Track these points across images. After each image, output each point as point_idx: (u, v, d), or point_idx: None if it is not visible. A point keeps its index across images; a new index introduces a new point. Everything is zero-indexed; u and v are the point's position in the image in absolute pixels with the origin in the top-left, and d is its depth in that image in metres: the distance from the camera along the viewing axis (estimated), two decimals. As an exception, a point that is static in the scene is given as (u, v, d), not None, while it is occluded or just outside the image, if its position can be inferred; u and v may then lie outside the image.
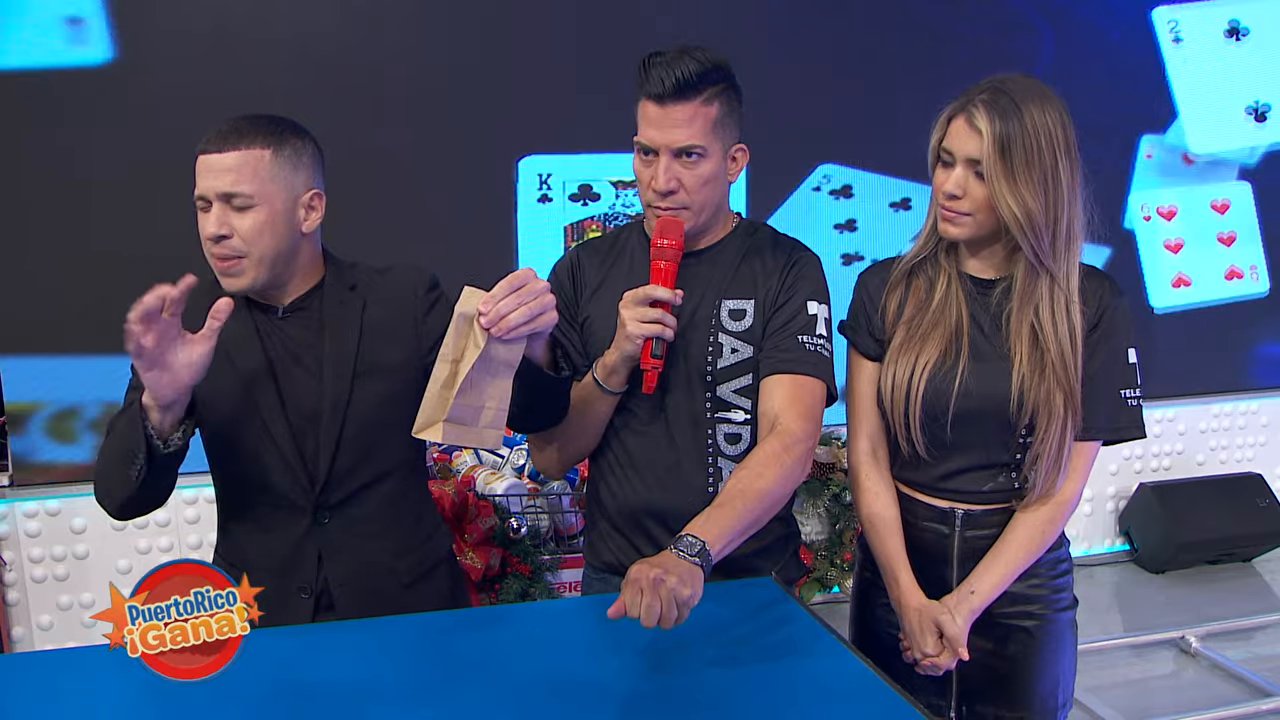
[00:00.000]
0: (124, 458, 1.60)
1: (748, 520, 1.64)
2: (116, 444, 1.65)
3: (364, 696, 1.43)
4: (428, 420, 1.55)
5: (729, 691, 1.46)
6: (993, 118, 1.68)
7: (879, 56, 3.82)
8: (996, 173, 1.69)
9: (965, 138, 1.71)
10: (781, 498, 1.74)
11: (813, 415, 1.79)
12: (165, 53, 3.22)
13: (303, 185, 1.74)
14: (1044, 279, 1.75)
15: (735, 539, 1.62)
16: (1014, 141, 1.68)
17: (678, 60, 1.71)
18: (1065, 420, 1.76)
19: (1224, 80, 4.23)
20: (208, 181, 1.69)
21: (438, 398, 1.54)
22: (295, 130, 1.76)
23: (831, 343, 1.86)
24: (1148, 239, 4.27)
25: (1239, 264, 4.37)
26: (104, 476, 1.69)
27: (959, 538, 1.85)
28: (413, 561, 1.88)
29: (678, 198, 1.77)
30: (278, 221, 1.71)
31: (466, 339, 1.53)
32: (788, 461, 1.72)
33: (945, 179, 1.75)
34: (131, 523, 3.34)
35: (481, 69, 3.49)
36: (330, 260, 1.86)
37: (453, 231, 3.53)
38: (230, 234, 1.69)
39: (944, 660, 1.81)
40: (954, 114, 1.74)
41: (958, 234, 1.77)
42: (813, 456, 1.81)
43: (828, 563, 3.79)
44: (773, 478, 1.70)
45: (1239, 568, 4.30)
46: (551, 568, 3.33)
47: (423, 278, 1.86)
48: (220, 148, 1.69)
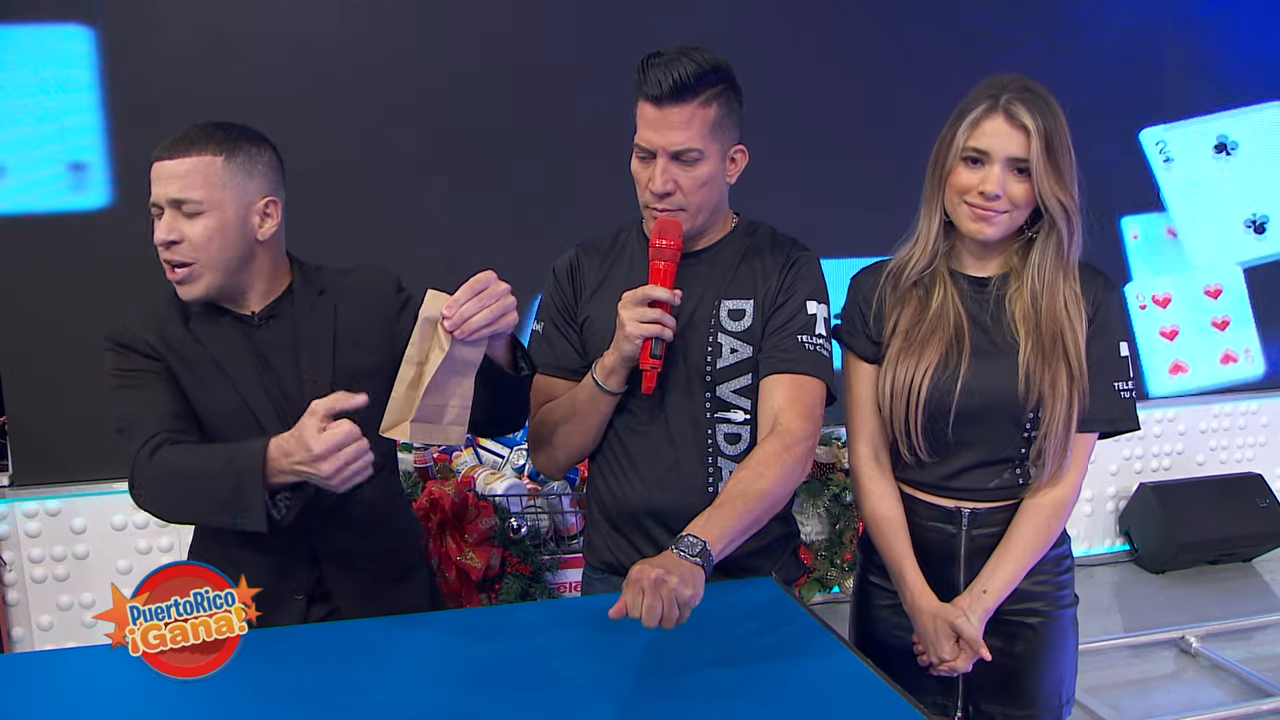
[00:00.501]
0: (219, 505, 1.58)
1: (748, 520, 1.65)
2: (211, 489, 1.60)
3: (362, 696, 1.44)
4: (394, 420, 1.60)
5: (729, 691, 1.46)
6: (1034, 114, 1.70)
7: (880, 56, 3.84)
8: (1044, 168, 1.71)
9: (1006, 137, 1.71)
10: (782, 498, 1.74)
11: (813, 415, 1.80)
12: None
13: (256, 192, 1.74)
14: (1059, 270, 1.77)
15: (736, 539, 1.63)
16: (1054, 135, 1.71)
17: (675, 62, 1.70)
18: (1070, 401, 1.76)
19: (1219, 195, 4.30)
20: (159, 188, 1.71)
21: (404, 398, 1.59)
22: (250, 137, 1.76)
23: (831, 342, 1.86)
24: (1144, 327, 4.34)
25: (1234, 348, 4.43)
26: (174, 492, 1.66)
27: (965, 537, 1.85)
28: (399, 557, 1.91)
29: (675, 199, 1.77)
30: (228, 228, 1.71)
31: (431, 341, 1.58)
32: (788, 461, 1.72)
33: (977, 179, 1.74)
34: (131, 523, 3.35)
35: (481, 71, 3.49)
36: (296, 265, 1.86)
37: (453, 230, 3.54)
38: (180, 239, 1.70)
39: (960, 664, 1.81)
40: (986, 114, 1.73)
41: (993, 234, 1.77)
42: (813, 456, 1.82)
43: (828, 563, 3.79)
44: (773, 478, 1.70)
45: (1239, 568, 4.30)
46: (551, 568, 3.33)
47: (390, 280, 1.88)
48: (172, 154, 1.70)
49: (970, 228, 1.78)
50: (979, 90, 1.76)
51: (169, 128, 1.74)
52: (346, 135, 3.41)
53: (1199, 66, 4.19)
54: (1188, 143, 4.24)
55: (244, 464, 1.56)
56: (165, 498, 1.68)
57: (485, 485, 3.35)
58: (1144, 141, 4.20)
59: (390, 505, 1.92)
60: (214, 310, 1.78)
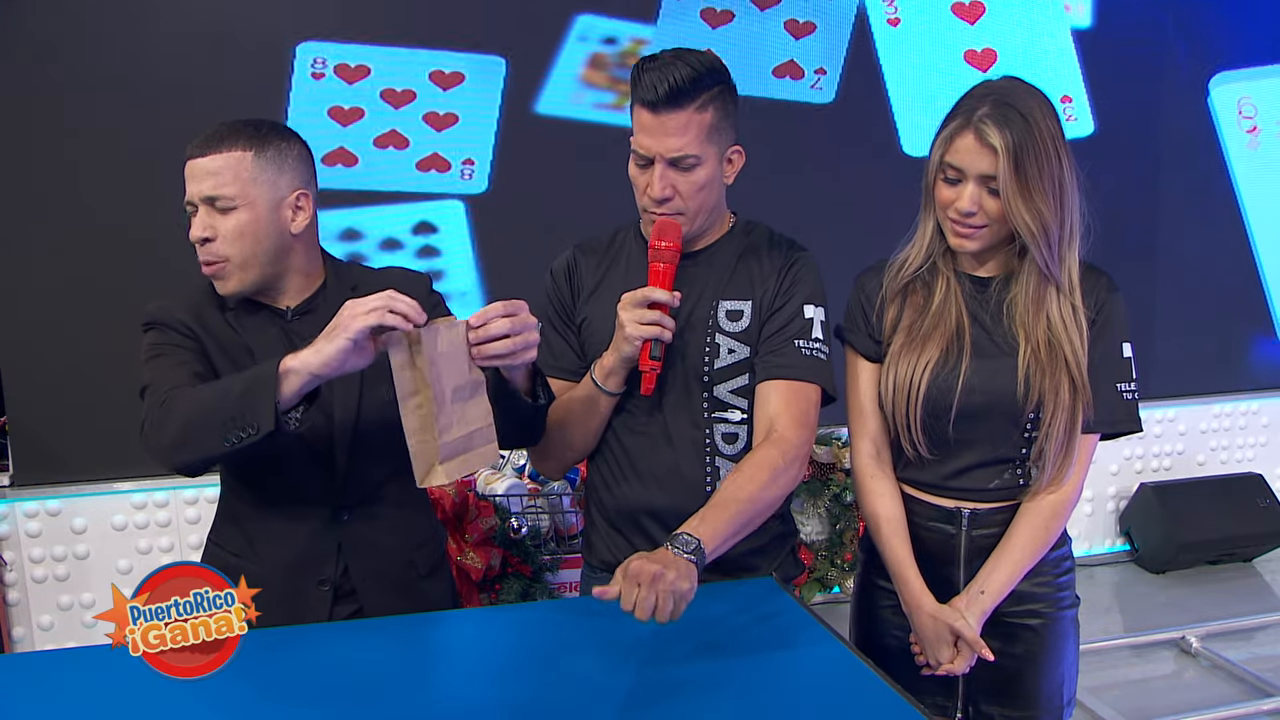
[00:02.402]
0: (229, 421, 1.54)
1: (740, 523, 1.67)
2: (221, 404, 1.57)
3: (361, 695, 1.44)
4: (426, 467, 1.55)
5: (728, 690, 1.46)
6: (1004, 132, 1.67)
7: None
8: (1012, 188, 1.68)
9: (976, 155, 1.70)
10: (774, 503, 1.76)
11: (807, 422, 1.81)
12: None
13: (287, 186, 1.76)
14: (1045, 284, 1.76)
15: (729, 541, 1.65)
16: (1025, 152, 1.67)
17: (670, 66, 1.70)
18: (1073, 408, 1.76)
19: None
20: (192, 186, 1.73)
21: (422, 445, 1.54)
22: (279, 131, 1.78)
23: (829, 344, 1.86)
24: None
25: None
26: (183, 417, 1.61)
27: (965, 537, 1.85)
28: (428, 553, 1.92)
29: (674, 204, 1.76)
30: (261, 222, 1.73)
31: (411, 374, 1.52)
32: (780, 466, 1.74)
33: (955, 196, 1.74)
34: (132, 522, 3.35)
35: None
36: (330, 262, 1.88)
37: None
38: (214, 237, 1.72)
39: (958, 666, 1.81)
40: (958, 130, 1.72)
41: (973, 247, 1.78)
42: (807, 462, 1.83)
43: (828, 563, 3.79)
44: (766, 482, 1.72)
45: (1239, 568, 4.30)
46: (552, 568, 3.33)
47: (422, 281, 1.89)
48: (203, 151, 1.72)
49: (952, 242, 1.79)
50: (961, 101, 1.75)
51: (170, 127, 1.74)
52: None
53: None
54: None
55: (256, 371, 1.58)
56: (173, 425, 1.61)
57: (485, 485, 3.35)
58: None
59: (416, 506, 1.93)
60: (250, 303, 1.80)
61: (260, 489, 1.81)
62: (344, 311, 1.53)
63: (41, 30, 3.12)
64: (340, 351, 1.51)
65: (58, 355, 3.27)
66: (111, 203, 3.24)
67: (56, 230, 3.22)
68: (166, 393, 1.64)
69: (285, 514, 1.80)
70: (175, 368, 1.71)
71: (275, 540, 1.80)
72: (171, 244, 2.35)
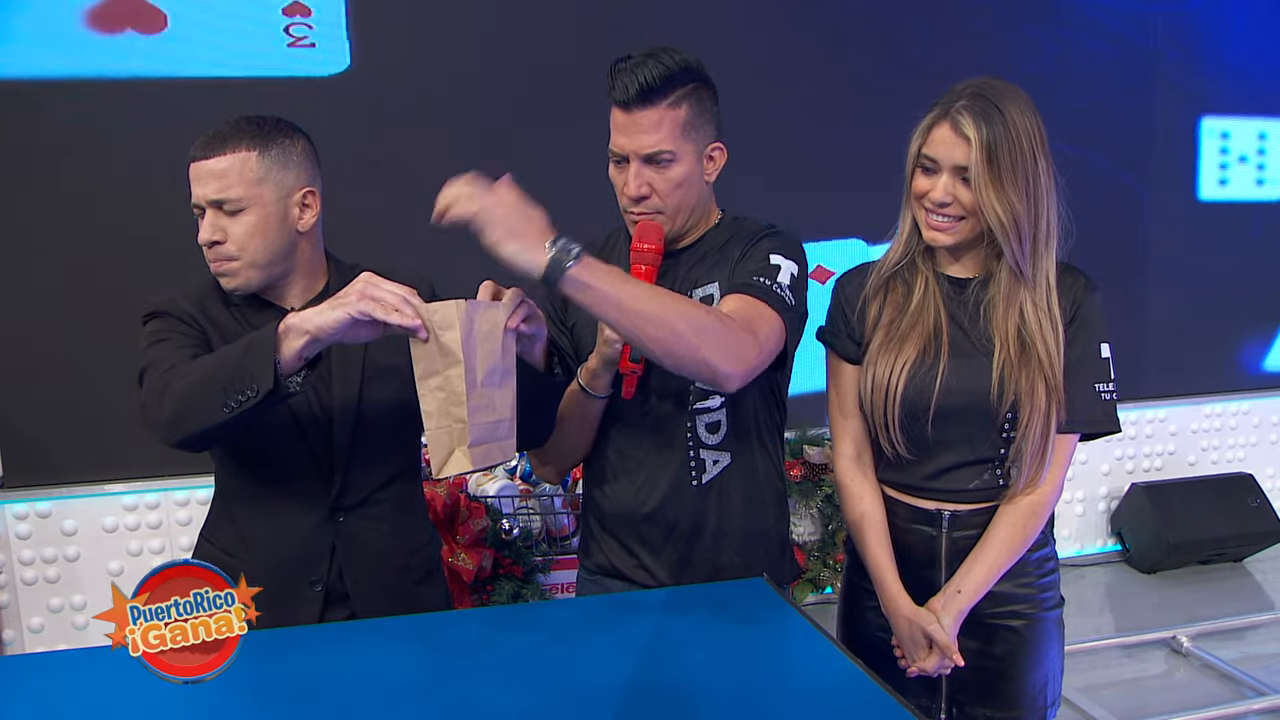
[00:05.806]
0: (229, 385, 1.51)
1: (656, 324, 1.51)
2: (220, 368, 1.54)
3: (359, 696, 1.44)
4: (444, 455, 1.46)
5: (719, 691, 1.46)
6: (979, 124, 1.69)
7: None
8: (984, 179, 1.69)
9: (951, 145, 1.71)
10: (699, 330, 1.54)
11: (754, 328, 1.64)
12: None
13: (294, 184, 1.75)
14: (1017, 282, 1.77)
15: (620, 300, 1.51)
16: (1000, 146, 1.69)
17: (641, 65, 1.69)
18: (1048, 411, 1.76)
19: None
20: (198, 189, 1.71)
21: (441, 431, 1.45)
22: (283, 129, 1.76)
23: (796, 299, 1.74)
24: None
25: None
26: (186, 397, 1.57)
27: (946, 539, 1.85)
28: (423, 559, 1.92)
29: (651, 203, 1.76)
30: (270, 222, 1.72)
31: (434, 352, 1.45)
32: (719, 317, 1.60)
33: (930, 186, 1.75)
34: (123, 525, 3.34)
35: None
36: (333, 262, 1.87)
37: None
38: (223, 239, 1.71)
39: (929, 666, 1.82)
40: (935, 121, 1.74)
41: (946, 240, 1.78)
42: (747, 343, 1.61)
43: (820, 563, 3.80)
44: (702, 312, 1.58)
45: (1230, 568, 4.32)
46: (544, 569, 3.33)
47: (425, 283, 1.86)
48: (207, 153, 1.70)
49: (926, 235, 1.79)
50: (942, 95, 1.76)
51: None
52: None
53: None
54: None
55: (257, 333, 1.55)
56: (173, 397, 1.58)
57: (477, 486, 3.35)
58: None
59: (413, 510, 1.92)
60: (255, 299, 1.79)
61: (257, 485, 1.80)
62: (358, 284, 1.49)
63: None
64: (339, 322, 1.48)
65: (47, 356, 3.26)
66: (106, 202, 3.23)
67: (47, 230, 3.21)
68: (167, 369, 1.62)
69: (281, 512, 1.79)
70: (177, 350, 1.69)
71: (269, 538, 1.79)
72: (168, 244, 2.34)
